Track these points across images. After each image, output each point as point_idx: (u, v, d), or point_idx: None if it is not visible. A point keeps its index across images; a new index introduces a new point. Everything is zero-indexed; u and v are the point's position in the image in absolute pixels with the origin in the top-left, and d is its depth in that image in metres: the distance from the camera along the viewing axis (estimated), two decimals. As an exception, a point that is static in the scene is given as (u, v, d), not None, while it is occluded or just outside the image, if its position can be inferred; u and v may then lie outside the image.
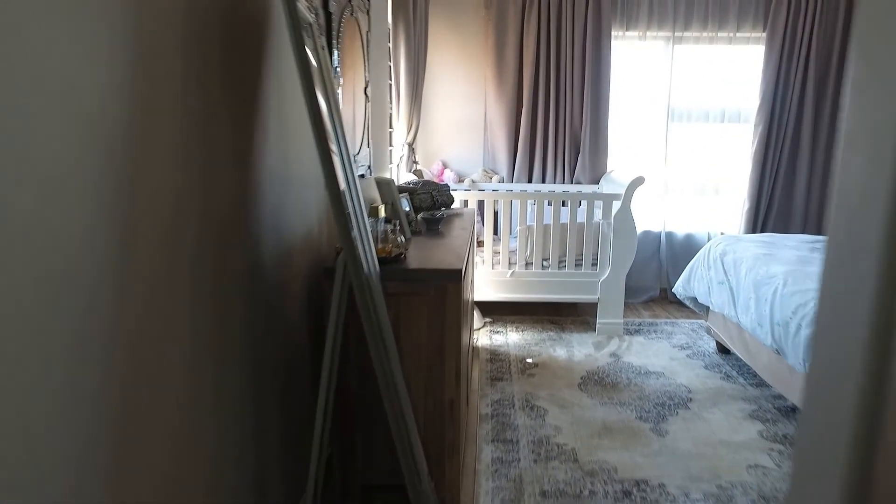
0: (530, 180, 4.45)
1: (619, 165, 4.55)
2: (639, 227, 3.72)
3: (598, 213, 3.95)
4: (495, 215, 4.36)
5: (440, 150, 4.59)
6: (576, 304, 4.27)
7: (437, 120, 4.55)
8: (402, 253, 1.90)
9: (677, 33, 4.29)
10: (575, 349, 3.59)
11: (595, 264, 3.83)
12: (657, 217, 4.61)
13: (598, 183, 4.41)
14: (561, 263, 3.83)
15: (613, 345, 3.66)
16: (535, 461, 2.37)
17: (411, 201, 2.87)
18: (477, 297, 3.83)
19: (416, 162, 3.85)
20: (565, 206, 4.14)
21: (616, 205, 3.68)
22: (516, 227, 3.87)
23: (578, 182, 4.42)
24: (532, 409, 2.82)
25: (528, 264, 3.83)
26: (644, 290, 4.63)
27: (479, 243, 4.00)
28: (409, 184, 3.09)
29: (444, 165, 4.58)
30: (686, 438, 2.55)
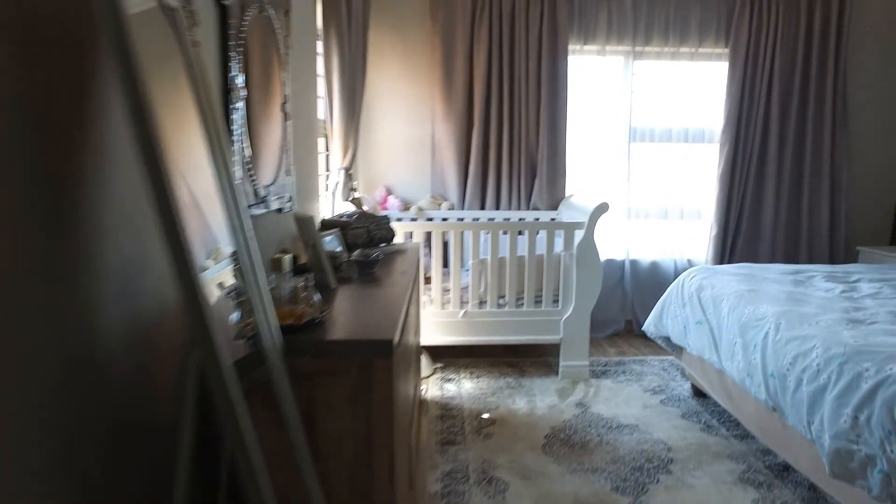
0: (483, 207, 4.06)
1: (579, 189, 4.21)
2: (601, 255, 3.36)
3: (558, 244, 3.57)
4: (445, 246, 3.93)
5: (383, 174, 4.15)
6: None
7: (380, 141, 4.12)
8: (316, 317, 1.44)
9: (637, 48, 4.00)
10: (537, 399, 3.17)
11: (556, 301, 3.44)
12: (620, 244, 4.28)
13: (557, 209, 4.05)
14: (519, 301, 3.43)
15: (579, 391, 3.27)
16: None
17: (343, 238, 2.42)
18: (425, 342, 3.38)
19: (353, 189, 3.40)
20: (522, 234, 3.75)
21: (578, 234, 3.32)
22: (468, 261, 3.45)
23: (536, 208, 4.05)
24: (490, 482, 2.37)
25: (482, 303, 3.40)
26: (608, 324, 4.27)
27: (427, 279, 3.56)
28: (341, 217, 2.63)
29: (388, 192, 4.14)
30: (673, 517, 2.15)
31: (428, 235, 3.70)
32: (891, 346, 1.92)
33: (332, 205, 3.26)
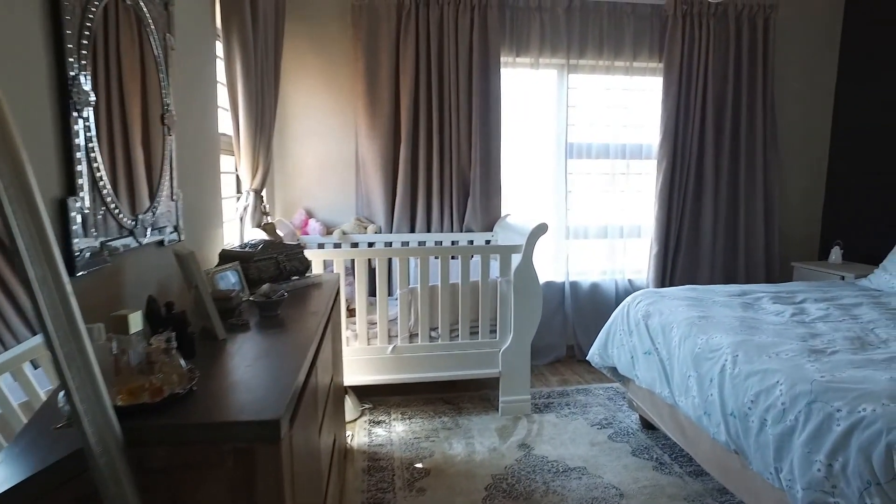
0: (413, 229, 3.75)
1: (514, 209, 3.99)
2: (540, 277, 3.12)
3: (494, 268, 3.31)
4: (372, 273, 3.59)
5: (303, 195, 3.78)
6: (473, 375, 3.57)
7: (299, 159, 3.75)
8: (180, 390, 1.08)
9: (572, 61, 3.84)
10: (476, 441, 2.86)
11: (494, 331, 3.16)
12: (559, 265, 4.07)
13: (492, 230, 3.80)
14: (453, 333, 3.13)
15: (522, 430, 2.99)
16: None
17: (245, 273, 2.05)
18: (349, 382, 3.02)
19: (266, 213, 3.01)
20: (455, 259, 3.47)
21: (516, 258, 3.06)
22: (396, 290, 3.13)
23: (469, 230, 3.78)
24: (424, 554, 2.03)
25: (412, 336, 3.08)
26: (549, 351, 4.04)
27: (351, 312, 3.21)
28: (244, 247, 2.25)
29: (309, 214, 3.76)
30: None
31: (352, 262, 3.36)
32: (860, 383, 1.74)
33: (241, 232, 2.87)
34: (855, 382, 1.74)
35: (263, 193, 3.05)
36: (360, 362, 3.01)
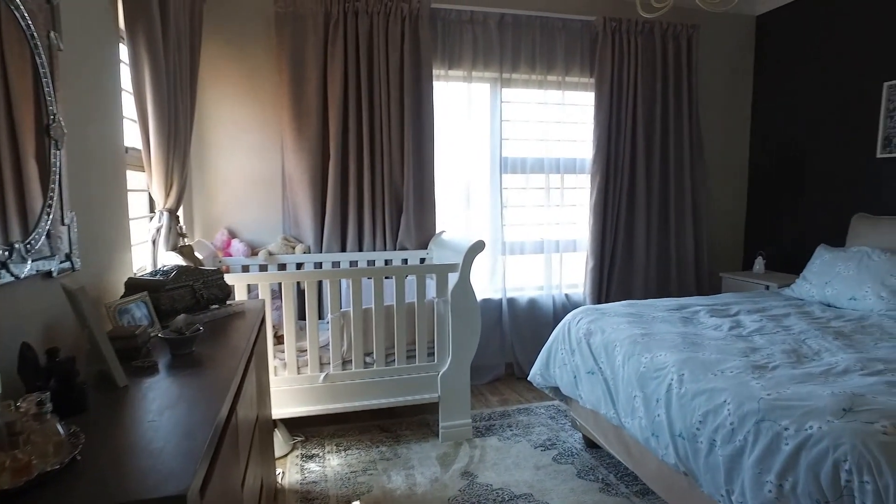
0: (344, 249, 3.57)
1: (449, 225, 3.88)
2: (477, 295, 3.01)
3: (430, 288, 3.18)
4: (301, 295, 3.38)
5: (225, 214, 3.53)
6: (412, 399, 3.41)
7: (220, 176, 3.50)
8: (58, 465, 0.87)
9: (505, 75, 3.79)
10: (416, 471, 2.71)
11: (432, 354, 3.03)
12: (496, 282, 4.00)
13: (427, 247, 3.68)
14: (389, 357, 2.97)
15: (464, 456, 2.85)
16: None
17: (156, 305, 1.82)
18: (279, 414, 2.79)
19: (183, 235, 2.76)
20: (389, 279, 3.32)
21: (452, 277, 2.94)
22: (328, 314, 2.94)
23: (403, 248, 3.64)
24: None
25: (345, 363, 2.90)
26: (488, 370, 3.94)
27: (278, 339, 2.99)
28: (155, 274, 2.01)
29: (232, 234, 3.51)
30: None
31: (279, 285, 3.15)
32: (805, 399, 1.72)
33: (154, 257, 2.60)
34: (799, 399, 1.73)
35: (179, 213, 2.79)
36: (290, 393, 2.80)
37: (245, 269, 3.37)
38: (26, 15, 1.42)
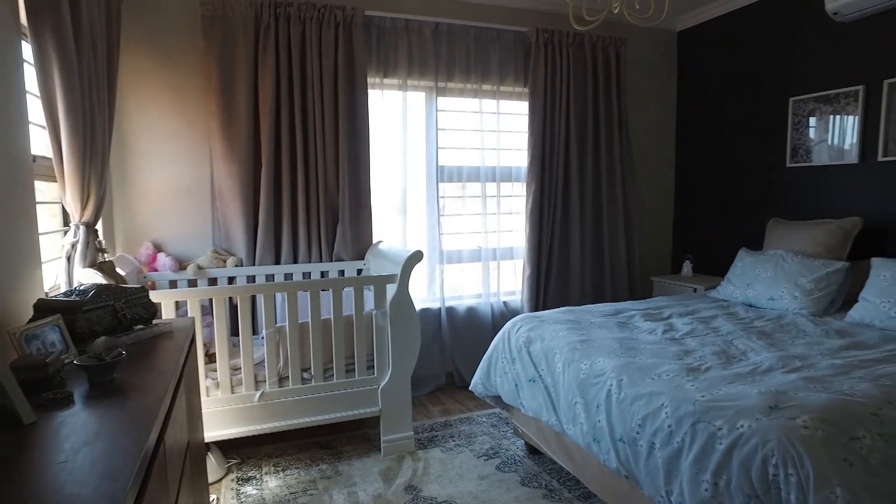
0: (278, 261, 3.45)
1: (387, 235, 3.84)
2: (415, 305, 2.98)
3: (368, 300, 3.13)
4: (234, 310, 3.25)
5: (151, 226, 3.34)
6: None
7: (145, 186, 3.31)
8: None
9: (440, 83, 3.79)
10: (359, 489, 2.63)
11: (371, 367, 2.97)
12: (434, 291, 3.98)
13: (364, 258, 3.61)
14: (327, 372, 2.89)
15: (407, 470, 2.81)
16: None
17: (71, 328, 1.68)
18: (212, 437, 2.65)
19: (102, 250, 2.58)
20: (326, 292, 3.24)
21: (391, 289, 2.90)
22: (262, 330, 2.83)
23: (340, 259, 3.56)
24: None
25: (282, 379, 2.79)
26: (428, 380, 3.91)
27: (210, 357, 2.85)
28: (69, 294, 1.86)
29: (157, 248, 3.32)
30: None
31: (210, 301, 3.01)
32: (735, 399, 1.79)
33: (69, 275, 2.41)
34: (730, 399, 1.80)
35: (98, 226, 2.61)
36: (224, 413, 2.67)
37: (173, 284, 3.20)
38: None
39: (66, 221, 2.64)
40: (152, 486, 1.09)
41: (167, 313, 2.51)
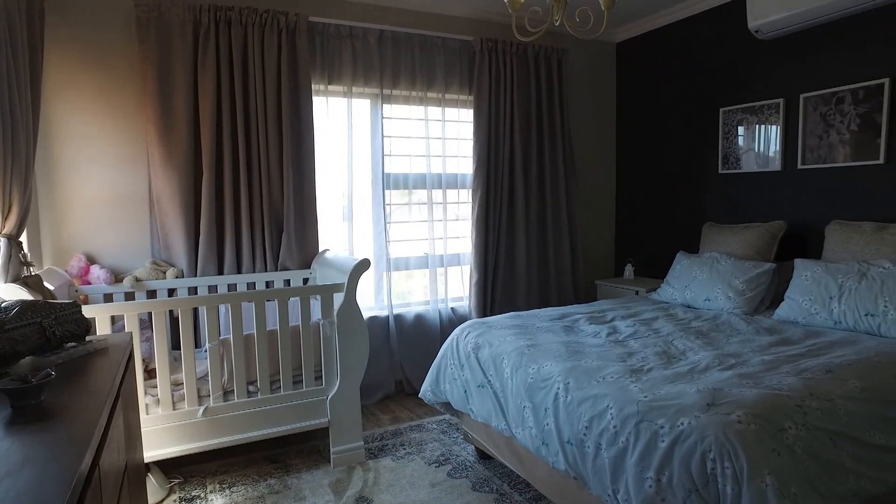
0: (221, 271, 3.36)
1: (333, 243, 3.79)
2: (363, 313, 2.96)
3: (315, 310, 3.08)
4: (175, 323, 3.14)
5: (83, 237, 3.18)
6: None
7: (76, 194, 3.15)
8: None
9: (385, 91, 3.79)
10: (308, 502, 2.58)
11: (319, 378, 2.93)
12: (381, 298, 3.96)
13: (310, 267, 3.56)
14: (274, 384, 2.82)
15: (357, 481, 2.78)
16: None
17: (-8, 345, 1.58)
18: (152, 457, 2.55)
19: (28, 263, 2.44)
20: (272, 302, 3.17)
21: (338, 297, 2.87)
22: (205, 343, 2.74)
23: (285, 268, 3.50)
24: None
25: (227, 393, 2.72)
26: (377, 388, 3.89)
27: (150, 373, 2.74)
28: (-8, 310, 1.75)
29: (90, 260, 3.17)
30: None
31: (149, 315, 2.90)
32: (676, 398, 1.86)
33: (-8, 288, 2.28)
34: (671, 398, 1.87)
35: (23, 238, 2.48)
36: (166, 431, 2.57)
37: (108, 298, 3.06)
38: None
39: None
40: (87, 513, 1.04)
41: (102, 329, 2.40)
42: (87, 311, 2.34)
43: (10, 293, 2.15)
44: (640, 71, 4.56)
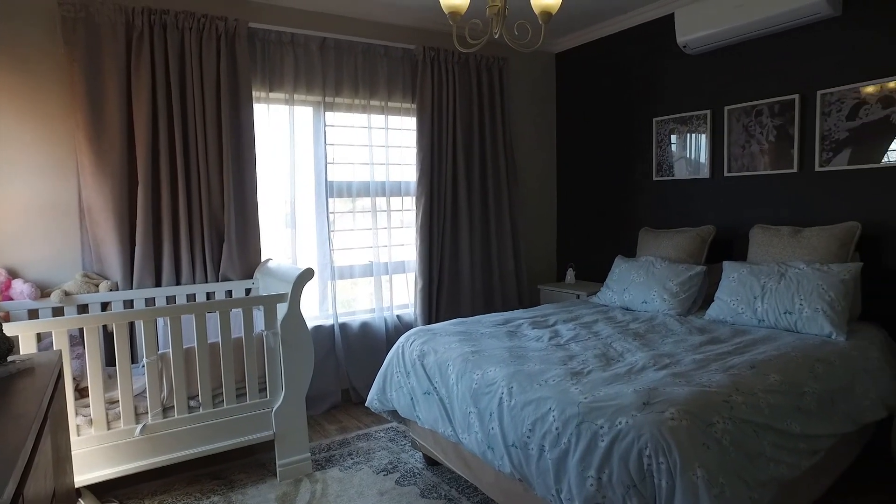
0: (159, 283, 3.25)
1: (276, 252, 3.73)
2: (308, 322, 2.92)
3: (258, 320, 3.03)
4: (109, 338, 3.01)
5: (2, 250, 3.01)
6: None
7: (-4, 204, 2.98)
8: None
9: (328, 98, 3.76)
10: (253, 518, 2.53)
11: (264, 390, 2.88)
12: (326, 307, 3.92)
13: (253, 277, 3.49)
14: (216, 399, 2.76)
15: (305, 493, 2.74)
16: None
17: None
18: (85, 481, 2.44)
19: (-56, 277, 2.29)
20: (213, 313, 3.09)
21: (282, 308, 2.83)
22: (142, 358, 2.64)
23: (227, 278, 3.42)
24: None
25: (166, 410, 2.63)
26: (323, 398, 3.84)
27: (82, 392, 2.63)
28: None
29: (12, 274, 3.01)
30: None
31: (80, 331, 2.78)
32: (614, 399, 1.94)
33: None
34: (610, 399, 1.94)
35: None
36: (100, 452, 2.46)
37: (33, 314, 2.91)
38: None
39: None
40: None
41: (27, 348, 2.28)
42: (8, 328, 2.22)
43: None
44: (578, 81, 4.71)
